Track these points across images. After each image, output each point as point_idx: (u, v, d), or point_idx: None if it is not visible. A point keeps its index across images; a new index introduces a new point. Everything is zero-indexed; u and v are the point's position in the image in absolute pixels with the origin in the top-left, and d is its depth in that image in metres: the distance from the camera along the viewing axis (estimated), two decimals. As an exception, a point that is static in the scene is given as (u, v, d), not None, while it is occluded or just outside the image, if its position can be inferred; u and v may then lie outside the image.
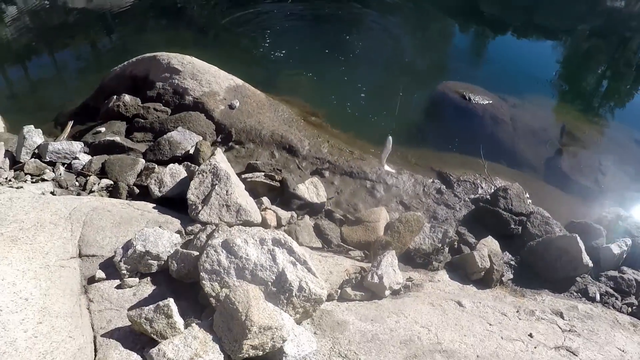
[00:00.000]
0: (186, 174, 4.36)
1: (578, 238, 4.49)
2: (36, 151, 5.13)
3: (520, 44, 12.63)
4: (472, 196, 5.31)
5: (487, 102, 7.38)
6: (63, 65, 8.76)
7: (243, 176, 4.50)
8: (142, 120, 5.74)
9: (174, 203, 4.13)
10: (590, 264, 4.49)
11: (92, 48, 9.50)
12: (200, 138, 5.27)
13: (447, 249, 4.37)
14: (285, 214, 4.03)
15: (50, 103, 7.08)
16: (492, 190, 5.34)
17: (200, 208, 3.60)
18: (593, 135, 8.10)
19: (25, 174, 4.84)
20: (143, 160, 4.94)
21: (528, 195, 5.73)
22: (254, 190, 4.34)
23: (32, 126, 5.29)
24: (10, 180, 4.76)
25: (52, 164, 5.01)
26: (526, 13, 16.32)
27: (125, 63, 6.65)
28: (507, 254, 4.69)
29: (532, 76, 9.84)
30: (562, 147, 7.30)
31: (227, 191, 3.67)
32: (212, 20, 10.15)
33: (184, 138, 5.19)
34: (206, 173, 3.82)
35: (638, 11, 21.24)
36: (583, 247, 4.48)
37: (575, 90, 10.53)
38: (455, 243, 4.56)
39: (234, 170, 4.28)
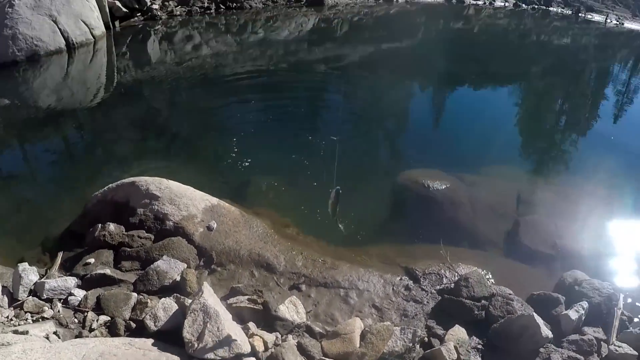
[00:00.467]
0: (177, 306, 4.87)
1: (535, 315, 5.06)
2: (32, 287, 5.50)
3: (474, 110, 13.37)
4: (438, 287, 5.90)
5: (445, 186, 8.08)
6: (41, 176, 9.03)
7: (229, 301, 5.04)
8: (128, 249, 6.20)
9: (170, 335, 4.61)
10: (550, 335, 5.05)
11: (68, 157, 9.85)
12: (185, 265, 5.79)
13: (418, 346, 4.90)
14: (270, 337, 4.56)
15: (35, 224, 7.34)
16: (456, 278, 5.93)
17: (196, 346, 4.12)
18: (549, 198, 8.71)
19: (25, 312, 5.21)
20: (135, 294, 5.37)
21: (490, 276, 6.34)
22: (240, 315, 4.88)
23: (27, 264, 5.68)
24: (11, 320, 5.15)
25: (49, 300, 5.38)
26: (480, 65, 17.56)
27: (106, 188, 7.08)
28: (475, 338, 5.20)
29: (488, 144, 10.57)
30: (519, 218, 7.93)
31: (218, 327, 4.20)
32: (181, 128, 10.71)
33: (169, 267, 5.70)
34: (197, 312, 4.36)
35: (584, 45, 22.84)
36: (541, 322, 5.05)
37: (529, 150, 11.30)
38: (426, 338, 5.08)
39: (219, 300, 4.82)
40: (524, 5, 29.27)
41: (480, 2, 28.63)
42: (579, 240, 7.42)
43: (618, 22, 28.90)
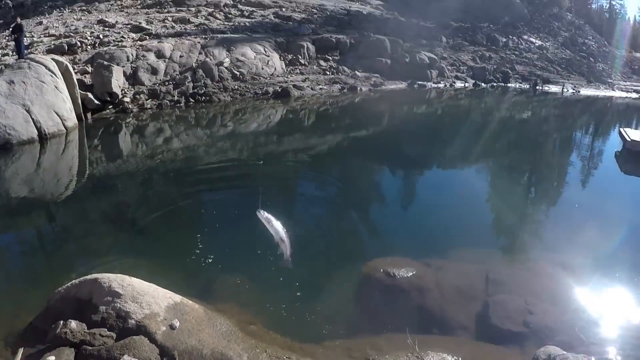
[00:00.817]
0: (138, 413, 4.69)
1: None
2: (-8, 384, 5.33)
3: (439, 193, 13.58)
4: (406, 379, 5.79)
5: (412, 273, 8.07)
6: (6, 268, 8.73)
7: (191, 406, 4.86)
8: (89, 348, 6.02)
9: None
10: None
11: (36, 249, 9.64)
12: (147, 367, 5.64)
13: None
14: None
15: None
16: (424, 369, 5.84)
17: None
18: (517, 275, 8.72)
19: (-16, 409, 5.01)
20: (95, 397, 5.21)
21: (460, 361, 6.25)
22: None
23: (-13, 361, 5.52)
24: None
25: (8, 399, 5.20)
26: (444, 147, 18.06)
27: (69, 284, 6.96)
28: None
29: (455, 227, 10.68)
30: (488, 299, 7.90)
31: None
32: (148, 222, 10.58)
33: (131, 368, 5.55)
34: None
35: (544, 117, 23.82)
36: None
37: (496, 229, 11.43)
38: None
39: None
40: (483, 84, 30.64)
41: (441, 85, 29.92)
42: (550, 314, 7.38)
43: (574, 90, 30.49)
